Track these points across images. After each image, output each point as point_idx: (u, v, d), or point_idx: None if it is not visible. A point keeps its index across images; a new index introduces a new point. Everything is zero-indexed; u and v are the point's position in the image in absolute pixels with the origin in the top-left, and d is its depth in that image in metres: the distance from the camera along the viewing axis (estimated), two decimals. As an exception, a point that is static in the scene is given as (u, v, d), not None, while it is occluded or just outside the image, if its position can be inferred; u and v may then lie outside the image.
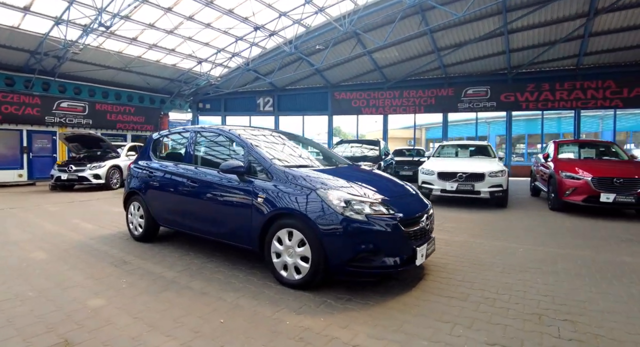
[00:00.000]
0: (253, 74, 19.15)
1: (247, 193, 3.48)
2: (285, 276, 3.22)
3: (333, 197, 3.06)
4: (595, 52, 15.78)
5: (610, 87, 16.31)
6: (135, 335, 2.38)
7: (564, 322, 2.70)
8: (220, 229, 3.75)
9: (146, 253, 4.27)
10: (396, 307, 2.86)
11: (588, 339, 2.47)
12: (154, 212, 4.52)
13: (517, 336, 2.47)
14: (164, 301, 2.91)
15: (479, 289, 3.28)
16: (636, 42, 14.87)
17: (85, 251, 4.37)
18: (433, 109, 19.41)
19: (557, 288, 3.35)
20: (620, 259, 4.28)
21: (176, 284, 3.30)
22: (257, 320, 2.61)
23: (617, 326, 2.65)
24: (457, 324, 2.63)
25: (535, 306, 2.96)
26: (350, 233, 2.93)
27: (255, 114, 21.76)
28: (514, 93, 17.84)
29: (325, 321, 2.61)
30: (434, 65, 18.03)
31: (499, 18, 14.26)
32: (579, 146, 8.94)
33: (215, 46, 16.55)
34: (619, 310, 2.92)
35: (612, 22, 14.00)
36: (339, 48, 16.71)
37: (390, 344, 2.32)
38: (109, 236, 5.16)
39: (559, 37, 14.99)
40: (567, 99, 17.06)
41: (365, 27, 14.47)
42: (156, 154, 4.87)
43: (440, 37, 16.05)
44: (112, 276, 3.49)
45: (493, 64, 17.68)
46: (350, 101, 20.27)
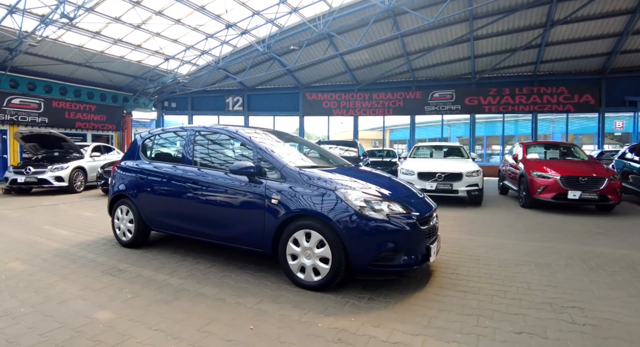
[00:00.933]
0: (222, 73, 18.76)
1: (259, 195, 3.39)
2: (302, 278, 3.18)
3: (353, 197, 3.07)
4: (550, 60, 16.94)
5: (563, 93, 17.57)
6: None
7: (572, 309, 2.88)
8: (228, 232, 3.63)
9: (140, 260, 4.04)
10: (418, 304, 2.92)
11: (598, 323, 2.66)
12: (147, 216, 4.29)
13: (537, 324, 2.61)
14: (180, 310, 2.77)
15: (486, 282, 3.42)
16: (585, 52, 16.13)
17: (70, 259, 4.06)
18: (401, 112, 19.95)
19: (554, 279, 3.56)
20: (598, 250, 4.63)
21: (186, 291, 3.15)
22: (287, 324, 2.55)
23: (617, 310, 2.87)
24: (480, 316, 2.73)
25: (543, 295, 3.14)
26: (372, 233, 2.95)
27: (224, 114, 21.29)
28: (477, 97, 18.75)
29: (356, 321, 2.61)
30: (403, 68, 18.54)
31: (466, 25, 14.93)
32: (544, 147, 9.55)
33: (184, 43, 16.04)
34: (613, 296, 3.17)
35: (565, 33, 15.09)
36: (311, 49, 16.76)
37: (427, 339, 2.37)
38: (91, 242, 4.82)
39: (519, 45, 15.94)
40: (525, 103, 18.16)
41: (338, 29, 14.61)
42: (147, 155, 4.61)
43: (410, 42, 16.54)
44: (111, 286, 3.26)
45: (458, 69, 18.47)
46: (322, 102, 20.38)
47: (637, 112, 17.12)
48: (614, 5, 13.38)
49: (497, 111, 18.89)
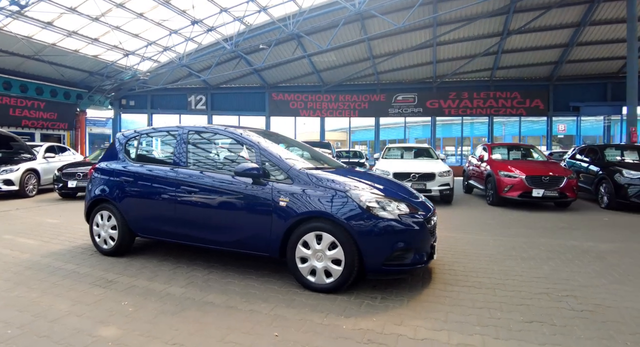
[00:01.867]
0: (186, 70, 18.14)
1: (265, 197, 3.29)
2: (313, 281, 3.12)
3: (365, 198, 3.08)
4: (505, 67, 18.07)
5: (516, 97, 18.82)
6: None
7: (567, 297, 3.09)
8: (230, 237, 3.48)
9: (128, 269, 3.76)
10: (430, 300, 2.99)
11: (593, 308, 2.87)
12: (133, 222, 4.01)
13: (542, 313, 2.78)
14: (192, 321, 2.61)
15: (484, 277, 3.58)
16: (536, 60, 17.39)
17: (47, 272, 3.67)
18: (367, 114, 20.39)
19: (541, 271, 3.80)
20: (569, 243, 5.00)
21: (191, 300, 2.97)
22: (310, 329, 2.50)
23: (604, 297, 3.11)
24: (490, 308, 2.85)
25: (537, 286, 3.33)
26: (385, 233, 2.99)
27: (186, 113, 20.59)
28: (438, 100, 19.59)
29: (378, 320, 2.62)
30: (368, 71, 18.95)
31: (430, 31, 15.55)
32: (507, 149, 10.16)
33: (146, 38, 15.33)
34: (596, 284, 3.43)
35: (519, 42, 16.18)
36: (279, 49, 16.66)
37: (451, 333, 2.44)
38: (65, 251, 4.41)
39: (478, 52, 16.85)
40: (482, 107, 19.24)
41: (308, 30, 14.64)
42: (131, 156, 4.31)
43: (377, 45, 16.94)
44: (105, 299, 3.00)
45: (421, 73, 19.19)
46: (289, 103, 20.31)
47: (579, 117, 18.71)
48: (562, 19, 14.54)
49: (456, 114, 19.85)
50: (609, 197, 7.96)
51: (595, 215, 7.35)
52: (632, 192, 7.52)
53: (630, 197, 7.53)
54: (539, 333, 2.48)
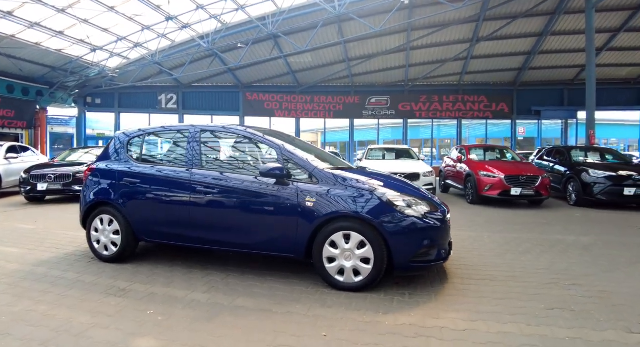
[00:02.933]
0: (156, 68, 17.52)
1: (290, 198, 3.27)
2: (342, 280, 3.14)
3: (392, 197, 3.16)
4: (473, 72, 18.92)
5: (483, 101, 19.74)
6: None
7: (573, 285, 3.33)
8: (252, 239, 3.42)
9: (137, 276, 3.57)
10: (455, 294, 3.13)
11: (599, 294, 3.13)
12: (139, 227, 3.82)
13: (558, 300, 2.98)
14: (231, 327, 2.54)
15: (494, 270, 3.77)
16: (502, 66, 18.35)
17: (46, 282, 3.40)
18: (341, 115, 20.62)
19: (540, 263, 4.06)
20: (554, 237, 5.36)
21: (220, 306, 2.89)
22: (355, 327, 2.52)
23: (604, 284, 3.38)
24: (510, 299, 3.02)
25: (543, 277, 3.56)
26: (413, 231, 3.08)
27: (156, 112, 19.87)
28: (410, 103, 20.16)
29: (415, 315, 2.70)
30: (343, 74, 19.18)
31: (404, 35, 16.00)
32: (484, 150, 10.68)
33: (116, 33, 14.67)
34: (592, 273, 3.72)
35: (487, 49, 17.01)
36: (255, 48, 16.49)
37: (488, 323, 2.57)
38: (58, 259, 4.11)
39: (449, 57, 17.53)
40: (452, 110, 20.02)
41: (286, 30, 14.62)
42: (134, 156, 4.10)
43: (352, 48, 17.19)
44: (126, 308, 2.84)
45: (394, 77, 19.67)
46: (263, 103, 20.14)
47: (540, 120, 19.93)
48: (526, 28, 15.46)
49: (427, 117, 20.52)
50: (577, 195, 8.57)
51: (567, 211, 7.90)
52: (598, 190, 8.14)
53: (596, 195, 8.15)
54: (563, 318, 2.67)
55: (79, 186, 8.70)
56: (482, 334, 2.44)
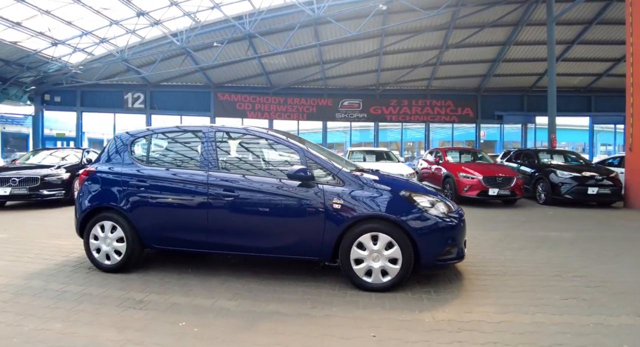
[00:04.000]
0: (123, 65, 16.75)
1: (317, 200, 3.25)
2: (370, 281, 3.17)
3: (418, 198, 3.24)
4: (441, 78, 19.69)
5: (450, 106, 20.60)
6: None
7: (576, 277, 3.59)
8: (276, 242, 3.36)
9: (149, 286, 3.36)
10: (475, 289, 3.26)
11: (603, 284, 3.39)
12: (147, 233, 3.62)
13: (569, 291, 3.21)
14: (276, 333, 2.48)
15: (501, 266, 3.97)
16: (468, 73, 19.25)
17: (47, 296, 3.10)
18: (314, 117, 20.72)
19: (538, 258, 4.32)
20: (540, 233, 5.71)
21: (253, 312, 2.81)
22: (399, 325, 2.57)
23: (603, 274, 3.66)
24: (527, 291, 3.21)
25: (547, 270, 3.80)
26: (439, 231, 3.18)
27: (121, 111, 18.96)
28: (381, 107, 20.65)
29: (450, 311, 2.79)
30: (317, 76, 19.29)
31: (378, 40, 16.37)
32: (459, 153, 11.15)
33: (81, 27, 13.86)
34: (587, 265, 4.01)
35: (455, 56, 17.78)
36: (229, 48, 16.20)
37: (517, 314, 2.74)
38: (50, 271, 3.76)
39: (419, 63, 18.14)
40: (420, 114, 20.72)
41: (263, 31, 14.50)
42: (139, 158, 3.87)
43: (327, 51, 17.35)
44: (153, 321, 2.66)
45: (366, 80, 20.05)
46: (235, 103, 19.81)
47: (502, 124, 21.09)
48: (492, 37, 16.35)
49: (397, 120, 21.10)
50: (546, 194, 9.17)
51: (540, 210, 8.43)
52: (565, 190, 8.76)
53: (563, 194, 8.76)
54: (580, 307, 2.88)
55: (49, 190, 8.13)
56: (517, 325, 2.58)
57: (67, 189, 8.40)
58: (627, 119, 8.85)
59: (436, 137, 24.15)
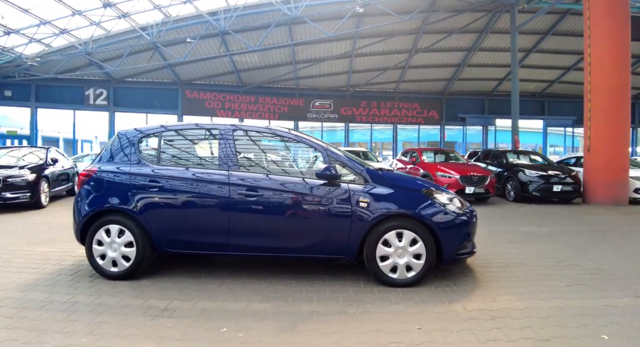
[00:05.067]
0: (85, 59, 15.78)
1: (344, 199, 3.27)
2: (395, 277, 3.26)
3: (439, 195, 3.39)
4: (409, 81, 20.36)
5: (416, 108, 21.34)
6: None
7: (571, 266, 3.90)
8: (302, 242, 3.35)
9: (166, 292, 3.18)
10: (489, 280, 3.47)
11: (598, 272, 3.72)
12: (161, 236, 3.45)
13: (570, 278, 3.50)
14: (322, 333, 2.47)
15: (500, 258, 4.22)
16: (434, 76, 20.06)
17: (57, 310, 2.80)
18: (286, 117, 20.65)
19: (529, 250, 4.63)
20: (521, 229, 6.11)
21: (291, 313, 2.79)
22: (438, 317, 2.67)
23: (593, 264, 3.99)
24: (534, 280, 3.46)
25: (543, 261, 4.11)
26: (459, 226, 3.35)
27: (82, 108, 17.86)
28: (351, 108, 20.99)
29: (476, 302, 2.95)
30: (289, 76, 19.27)
31: (351, 42, 16.65)
32: (433, 153, 11.63)
33: (38, 16, 12.91)
34: (574, 255, 4.35)
35: (423, 60, 18.47)
36: (199, 44, 15.76)
37: (535, 301, 2.96)
38: (47, 281, 3.43)
39: (389, 66, 18.65)
40: (388, 115, 21.30)
41: (238, 28, 14.28)
42: (149, 157, 3.67)
43: (300, 51, 17.39)
44: (189, 329, 2.54)
45: (337, 81, 20.31)
46: (204, 102, 19.31)
47: (465, 126, 22.16)
48: (458, 43, 17.16)
49: (367, 121, 21.56)
50: (515, 192, 9.78)
51: (512, 207, 8.99)
52: (533, 188, 9.41)
53: (531, 192, 9.40)
54: (585, 292, 3.17)
55: (12, 193, 7.51)
56: (540, 310, 2.80)
57: (33, 191, 7.77)
58: (585, 123, 9.66)
59: (399, 139, 24.92)
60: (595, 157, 9.32)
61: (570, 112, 21.43)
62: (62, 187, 9.14)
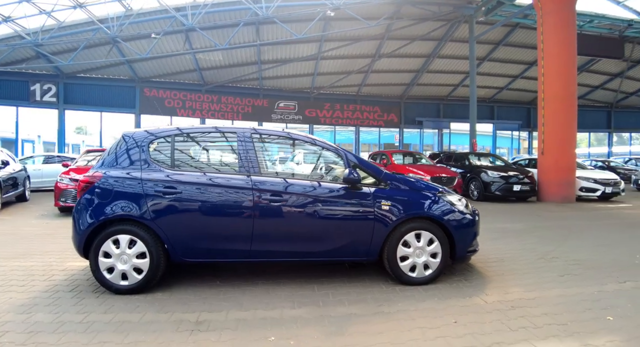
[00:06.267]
0: (31, 51, 14.50)
1: (366, 202, 3.38)
2: (414, 276, 3.42)
3: (452, 197, 3.62)
4: (370, 84, 20.94)
5: (377, 111, 22.00)
6: None
7: (555, 258, 4.35)
8: (327, 246, 3.39)
9: (189, 304, 3.04)
10: (493, 274, 3.78)
11: (578, 262, 4.19)
12: (178, 245, 3.30)
13: (559, 269, 3.92)
14: (369, 334, 2.55)
15: (496, 253, 4.58)
16: (394, 81, 20.81)
17: (77, 331, 2.60)
18: (250, 117, 20.34)
19: (513, 245, 5.05)
20: (497, 226, 6.57)
21: (329, 317, 2.81)
22: (463, 310, 2.87)
23: (573, 255, 4.49)
24: (531, 272, 3.83)
25: (530, 254, 4.52)
26: (469, 225, 3.59)
27: (26, 105, 16.33)
28: (315, 110, 21.18)
29: (491, 294, 3.21)
30: (253, 76, 19.04)
31: (317, 45, 16.83)
32: (402, 155, 12.13)
33: (-21, 3, 11.69)
34: (553, 249, 4.82)
35: (385, 65, 19.11)
36: (162, 40, 15.08)
37: (541, 290, 3.31)
38: (45, 300, 3.08)
39: (353, 69, 19.06)
40: (351, 118, 21.74)
41: (205, 26, 13.88)
42: (162, 161, 3.47)
43: (266, 51, 17.27)
44: (234, 341, 2.47)
45: (302, 83, 20.39)
46: (164, 100, 18.50)
47: (422, 129, 23.21)
48: (418, 49, 17.98)
49: (330, 123, 21.84)
50: (479, 191, 10.51)
51: (479, 206, 9.37)
52: (495, 188, 10.16)
53: (494, 191, 10.14)
54: (577, 280, 3.60)
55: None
56: (549, 298, 3.13)
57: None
58: (539, 128, 10.61)
59: (362, 141, 25.59)
60: (548, 159, 10.27)
61: (516, 117, 23.27)
62: (12, 192, 8.38)
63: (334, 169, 3.60)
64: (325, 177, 3.57)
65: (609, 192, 10.28)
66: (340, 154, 3.60)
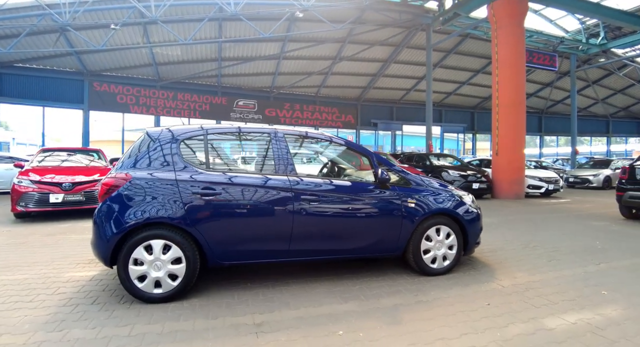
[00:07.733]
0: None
1: (395, 200, 3.62)
2: (435, 267, 3.74)
3: (463, 195, 3.98)
4: (330, 86, 21.39)
5: (335, 113, 22.53)
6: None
7: (536, 247, 4.90)
8: (360, 243, 3.56)
9: (236, 308, 3.02)
10: (495, 262, 4.22)
11: (557, 249, 4.78)
12: (217, 248, 3.23)
13: (545, 256, 4.47)
14: (429, 319, 2.79)
15: (485, 246, 5.00)
16: (352, 84, 21.45)
17: (128, 346, 2.48)
18: (208, 115, 19.83)
19: (496, 237, 5.59)
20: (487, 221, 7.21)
21: (377, 309, 2.96)
22: (488, 295, 3.19)
23: (547, 243, 5.09)
24: (522, 259, 4.32)
25: (514, 245, 5.06)
26: (477, 219, 3.98)
27: (-49, 96, 14.45)
28: (275, 109, 21.18)
29: (503, 279, 3.59)
30: (212, 73, 18.60)
31: (280, 45, 16.87)
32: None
33: None
34: (530, 239, 5.43)
35: (344, 67, 19.64)
36: (117, 32, 14.22)
37: (541, 274, 3.79)
38: (67, 315, 2.89)
39: (314, 71, 19.37)
40: (311, 118, 22.04)
41: (166, 19, 13.31)
42: (195, 162, 3.36)
43: (227, 48, 16.95)
44: (307, 339, 2.53)
45: (262, 82, 20.28)
46: (116, 96, 17.41)
47: (377, 131, 24.15)
48: (377, 54, 18.73)
49: (290, 123, 21.91)
50: (441, 189, 11.31)
51: (443, 202, 10.39)
52: (456, 186, 11.00)
53: (455, 189, 10.99)
54: (564, 264, 4.14)
55: None
56: (551, 280, 3.61)
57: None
58: (493, 131, 11.67)
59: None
60: (501, 159, 11.34)
61: (462, 120, 25.09)
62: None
63: (359, 168, 3.79)
64: (358, 177, 3.76)
65: (551, 189, 11.61)
66: (367, 155, 3.82)
